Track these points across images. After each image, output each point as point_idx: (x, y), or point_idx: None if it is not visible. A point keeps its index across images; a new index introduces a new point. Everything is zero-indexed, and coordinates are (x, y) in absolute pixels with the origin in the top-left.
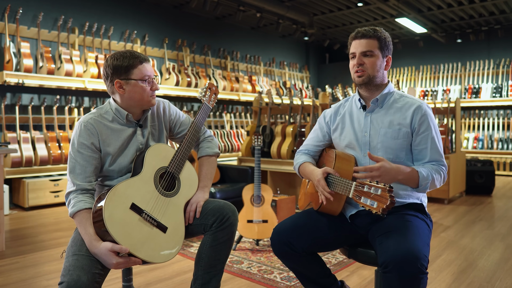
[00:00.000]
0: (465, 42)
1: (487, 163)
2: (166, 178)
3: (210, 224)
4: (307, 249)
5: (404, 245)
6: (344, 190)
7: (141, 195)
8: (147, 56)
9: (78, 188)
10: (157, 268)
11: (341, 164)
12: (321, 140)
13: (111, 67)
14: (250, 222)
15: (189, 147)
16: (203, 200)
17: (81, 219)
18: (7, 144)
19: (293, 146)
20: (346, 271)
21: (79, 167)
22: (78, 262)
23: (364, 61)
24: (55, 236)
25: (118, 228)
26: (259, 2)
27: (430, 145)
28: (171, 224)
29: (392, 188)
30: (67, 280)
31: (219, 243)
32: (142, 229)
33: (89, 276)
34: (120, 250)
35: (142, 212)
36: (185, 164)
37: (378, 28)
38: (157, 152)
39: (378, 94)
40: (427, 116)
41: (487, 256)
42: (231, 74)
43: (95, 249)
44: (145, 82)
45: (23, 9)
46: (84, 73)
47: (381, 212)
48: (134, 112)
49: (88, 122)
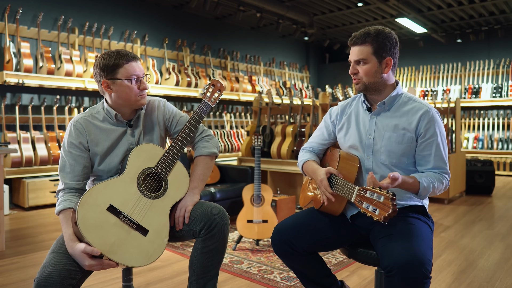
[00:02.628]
0: (465, 42)
1: (487, 163)
2: (150, 180)
3: (198, 230)
4: (308, 249)
5: (408, 250)
6: (346, 194)
7: (121, 196)
8: (135, 55)
9: (67, 187)
10: (157, 268)
11: (345, 165)
12: (326, 138)
13: (98, 66)
14: (250, 222)
15: (181, 147)
16: (191, 204)
17: (63, 218)
18: (7, 144)
19: (293, 146)
20: (346, 271)
21: (69, 166)
22: (54, 260)
23: (357, 70)
24: (55, 236)
25: (92, 230)
26: (259, 2)
27: (434, 152)
28: (153, 227)
29: (395, 196)
30: (38, 276)
31: (210, 250)
32: (119, 232)
33: (61, 273)
34: (91, 252)
35: (120, 214)
36: (175, 164)
37: (373, 29)
38: (143, 152)
39: (384, 96)
40: (435, 121)
41: (487, 256)
42: (231, 74)
43: (70, 249)
44: (132, 81)
45: (23, 9)
46: (84, 73)
47: (383, 220)
48: (125, 112)
49: (78, 122)
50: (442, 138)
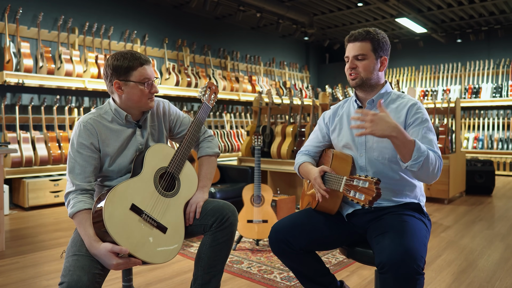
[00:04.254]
0: (465, 42)
1: (487, 163)
2: (166, 179)
3: (210, 224)
4: (305, 247)
5: (400, 246)
6: (336, 185)
7: (141, 195)
8: (148, 58)
9: (78, 188)
10: (157, 268)
11: (338, 163)
12: (321, 141)
13: (111, 67)
14: (250, 222)
15: (189, 147)
16: (202, 200)
17: (80, 220)
18: (7, 144)
19: (293, 146)
20: (346, 271)
21: (79, 167)
22: (79, 262)
23: (356, 65)
24: (55, 236)
25: (118, 229)
26: (259, 2)
27: (422, 136)
28: (171, 225)
29: (379, 181)
30: (67, 280)
31: (219, 243)
32: (142, 230)
33: (89, 276)
34: (120, 251)
35: (142, 212)
36: (185, 164)
37: (372, 29)
38: (157, 152)
39: (374, 94)
40: (422, 110)
41: (487, 256)
42: (231, 74)
43: (94, 250)
44: (144, 84)
45: (23, 9)
46: (84, 73)
47: (368, 204)
48: (133, 113)
49: (88, 122)
50: (429, 125)
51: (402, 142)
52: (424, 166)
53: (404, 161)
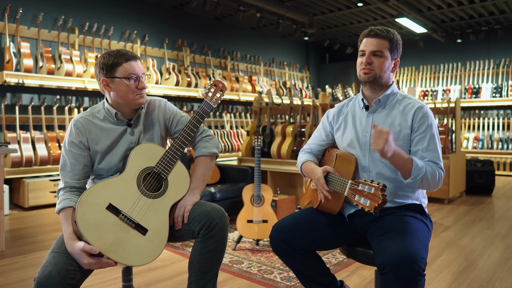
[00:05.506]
0: (465, 42)
1: (487, 163)
2: (150, 179)
3: (198, 230)
4: (305, 247)
5: (401, 247)
6: (341, 189)
7: (121, 195)
8: (136, 54)
9: (67, 186)
10: (157, 268)
11: (342, 164)
12: (324, 139)
13: (99, 65)
14: (250, 222)
15: (181, 146)
16: (191, 203)
17: (63, 217)
18: (7, 144)
19: (293, 146)
20: (346, 271)
21: (69, 165)
22: (54, 259)
23: (373, 60)
24: (55, 236)
25: (91, 228)
26: (259, 2)
27: (427, 146)
28: (152, 226)
29: (385, 187)
30: (38, 276)
31: (209, 251)
32: (118, 231)
33: (61, 273)
34: (90, 250)
35: (119, 212)
36: (176, 164)
37: (392, 29)
38: (144, 151)
39: (381, 94)
40: (428, 117)
41: (487, 256)
42: (231, 74)
43: (70, 248)
44: (130, 80)
45: (23, 9)
46: (84, 73)
47: (373, 210)
48: (125, 111)
49: (78, 121)
50: (435, 133)
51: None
52: (423, 181)
53: (405, 178)
